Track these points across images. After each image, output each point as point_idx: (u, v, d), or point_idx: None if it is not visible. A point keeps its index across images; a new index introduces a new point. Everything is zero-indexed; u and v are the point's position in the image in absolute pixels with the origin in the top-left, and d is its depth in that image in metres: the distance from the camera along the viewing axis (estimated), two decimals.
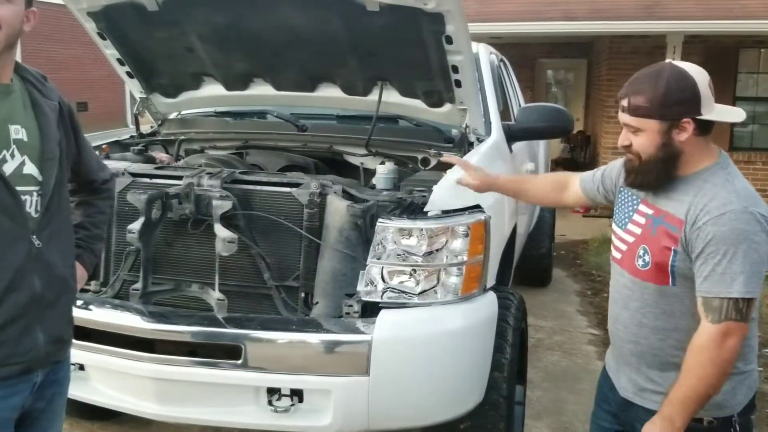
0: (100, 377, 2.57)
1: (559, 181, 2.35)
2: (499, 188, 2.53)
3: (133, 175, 2.77)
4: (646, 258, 1.82)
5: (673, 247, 1.76)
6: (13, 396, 1.63)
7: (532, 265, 5.50)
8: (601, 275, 6.16)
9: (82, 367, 2.52)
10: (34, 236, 1.62)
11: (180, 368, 2.40)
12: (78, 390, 2.45)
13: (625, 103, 1.79)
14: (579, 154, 11.28)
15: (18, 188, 1.59)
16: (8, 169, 1.58)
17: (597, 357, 4.43)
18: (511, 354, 2.70)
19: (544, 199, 2.55)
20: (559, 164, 10.71)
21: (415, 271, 2.44)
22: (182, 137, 3.68)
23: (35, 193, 1.64)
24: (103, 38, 3.29)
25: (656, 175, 1.80)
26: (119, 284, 2.71)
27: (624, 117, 1.81)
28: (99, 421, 3.34)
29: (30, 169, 1.63)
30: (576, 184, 2.25)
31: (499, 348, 2.65)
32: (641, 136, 1.78)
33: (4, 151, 1.58)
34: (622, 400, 1.97)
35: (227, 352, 2.39)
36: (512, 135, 3.59)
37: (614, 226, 2.00)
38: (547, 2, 8.34)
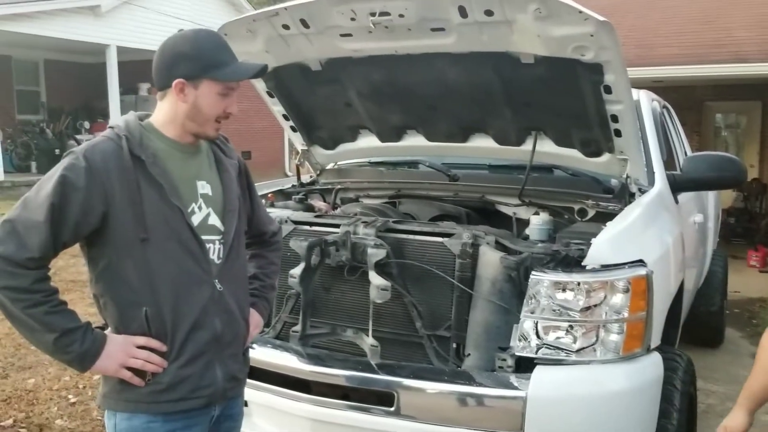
0: (261, 413, 2.70)
1: None
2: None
3: (295, 222, 2.94)
4: None
5: None
6: (193, 427, 1.79)
7: (701, 323, 5.07)
8: None
9: (245, 403, 2.66)
10: (216, 280, 1.78)
11: (335, 411, 2.47)
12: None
13: None
14: (754, 204, 10.36)
15: (203, 237, 1.77)
16: (196, 220, 1.77)
17: None
18: (678, 420, 2.51)
19: None
20: (731, 214, 9.89)
21: (571, 327, 2.35)
22: (338, 186, 3.85)
23: (218, 242, 1.81)
24: (271, 96, 3.56)
25: None
26: (280, 325, 2.86)
27: None
28: None
29: (213, 220, 1.82)
30: None
31: (664, 413, 2.48)
32: None
33: (193, 204, 1.78)
34: None
35: (379, 399, 2.43)
36: (678, 185, 3.40)
37: None
38: (714, 44, 7.88)
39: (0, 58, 14.06)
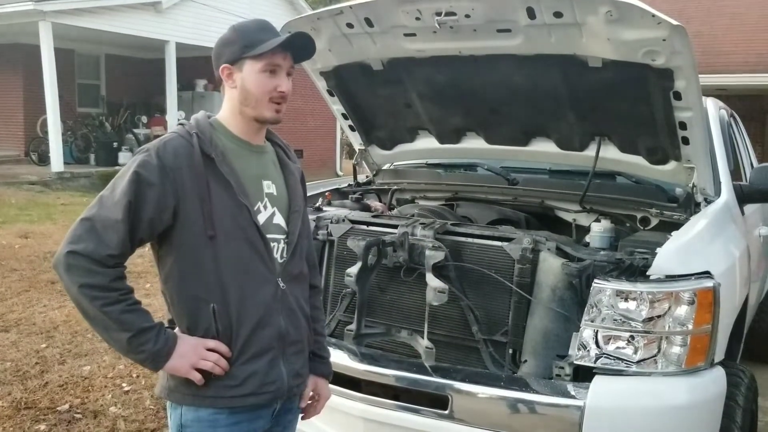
0: None
1: None
2: None
3: (353, 221, 2.95)
4: None
5: None
6: (257, 419, 1.81)
7: (761, 339, 4.90)
8: None
9: None
10: (279, 279, 1.80)
11: (388, 411, 2.47)
12: None
13: None
14: None
15: (268, 236, 1.78)
16: (261, 219, 1.78)
17: None
18: None
19: None
20: None
21: (633, 337, 2.30)
22: (395, 187, 3.85)
23: (282, 241, 1.83)
24: (332, 95, 3.59)
25: None
26: (335, 324, 2.87)
27: None
28: None
29: (278, 219, 1.83)
30: None
31: (725, 430, 2.41)
32: None
33: (259, 203, 1.79)
34: None
35: (432, 401, 2.41)
36: (745, 196, 3.31)
37: None
38: None
39: (63, 51, 14.51)
